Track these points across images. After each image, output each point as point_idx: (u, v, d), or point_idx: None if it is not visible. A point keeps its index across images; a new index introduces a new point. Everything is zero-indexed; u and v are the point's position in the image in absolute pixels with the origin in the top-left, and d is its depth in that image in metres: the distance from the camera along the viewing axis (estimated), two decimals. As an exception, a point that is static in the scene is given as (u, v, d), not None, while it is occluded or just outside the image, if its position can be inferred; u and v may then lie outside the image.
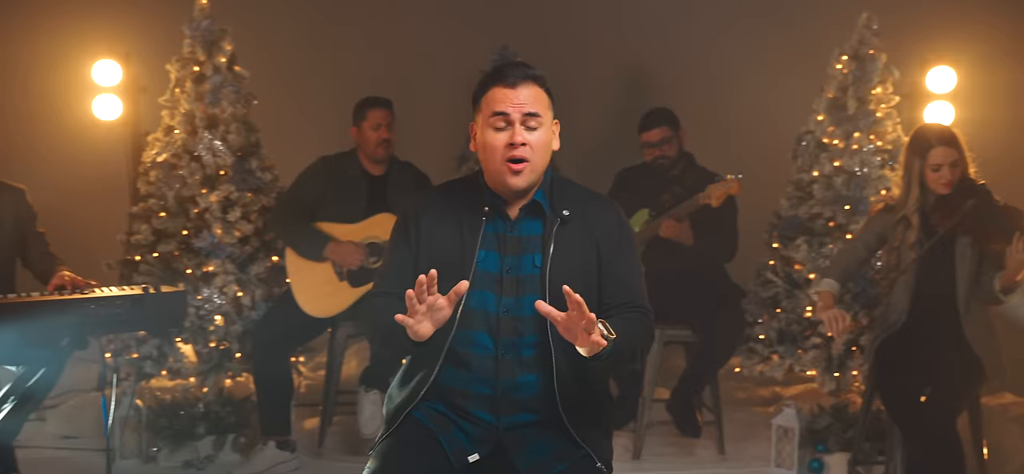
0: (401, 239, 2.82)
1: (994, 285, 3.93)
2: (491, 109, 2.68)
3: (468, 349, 2.73)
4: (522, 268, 2.73)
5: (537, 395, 2.73)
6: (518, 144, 2.65)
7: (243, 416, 5.03)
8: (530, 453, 2.69)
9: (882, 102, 5.22)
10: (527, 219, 2.77)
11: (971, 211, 3.93)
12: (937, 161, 4.05)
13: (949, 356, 3.99)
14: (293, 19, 6.67)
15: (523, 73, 2.69)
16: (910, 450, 4.02)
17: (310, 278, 4.91)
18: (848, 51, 5.27)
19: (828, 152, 5.22)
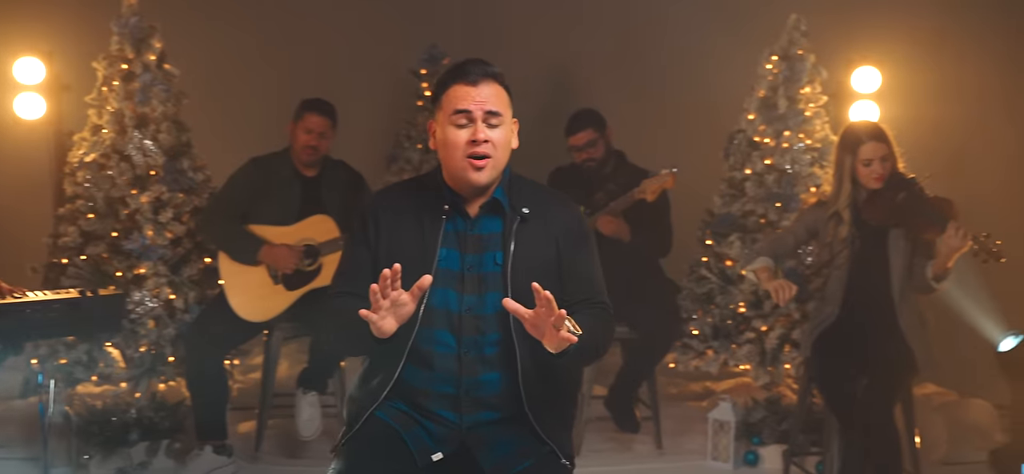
0: (360, 238, 2.80)
1: (926, 273, 4.05)
2: (453, 107, 2.68)
3: (430, 347, 2.72)
4: (483, 266, 2.73)
5: (500, 393, 2.73)
6: (480, 141, 2.66)
7: (177, 421, 4.93)
8: (494, 451, 2.70)
9: (811, 101, 5.36)
10: (487, 217, 2.77)
11: (903, 203, 4.05)
12: (868, 156, 4.14)
13: (883, 348, 4.10)
14: (223, 16, 6.57)
15: (483, 70, 2.70)
16: (847, 441, 4.12)
17: (244, 282, 4.82)
18: (778, 51, 5.39)
19: (759, 150, 5.33)
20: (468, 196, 2.75)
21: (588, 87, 6.63)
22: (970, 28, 5.63)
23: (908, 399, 4.29)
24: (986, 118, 5.02)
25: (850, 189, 4.19)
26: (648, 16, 6.55)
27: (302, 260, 4.78)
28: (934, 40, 5.64)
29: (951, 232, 3.87)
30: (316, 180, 4.96)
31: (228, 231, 4.86)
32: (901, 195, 4.07)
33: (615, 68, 6.69)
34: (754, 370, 5.22)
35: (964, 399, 5.55)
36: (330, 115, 4.93)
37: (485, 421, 2.74)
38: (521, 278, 2.66)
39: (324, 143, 4.91)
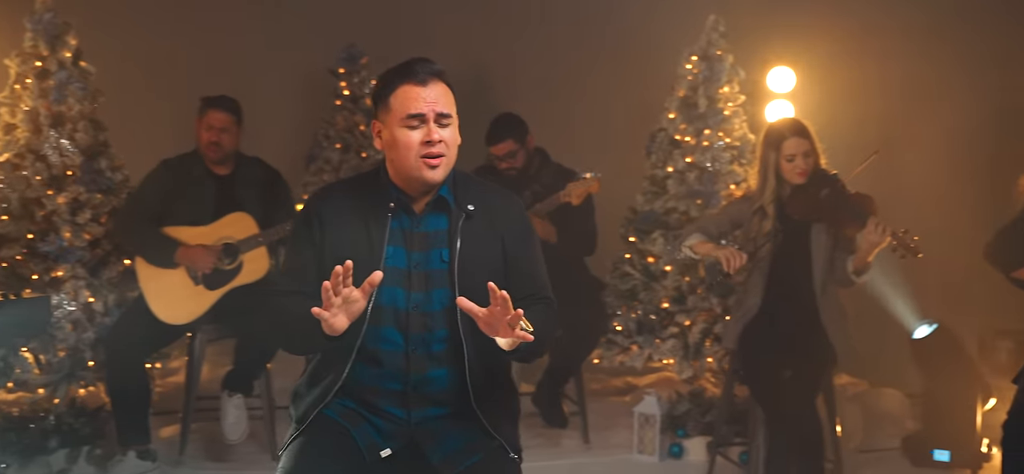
0: (304, 237, 2.79)
1: (847, 268, 4.18)
2: (405, 109, 2.67)
3: (377, 345, 2.73)
4: (430, 263, 2.74)
5: (447, 389, 2.75)
6: (435, 141, 2.67)
7: (98, 427, 4.82)
8: (443, 446, 2.72)
9: (729, 101, 5.48)
10: (432, 214, 2.78)
11: (825, 199, 4.17)
12: (791, 152, 4.26)
13: (805, 339, 4.22)
14: (139, 12, 6.44)
15: (431, 69, 2.71)
16: (772, 431, 4.23)
17: (164, 285, 4.74)
18: (697, 52, 5.50)
19: (681, 148, 5.44)
20: (414, 194, 2.76)
21: (509, 85, 6.67)
22: (890, 26, 5.81)
23: (829, 389, 4.42)
24: (908, 114, 5.19)
25: (774, 184, 4.31)
26: (570, 15, 6.61)
27: (221, 259, 4.72)
28: (848, 40, 5.81)
29: (871, 228, 4.01)
30: (230, 178, 4.90)
31: (142, 235, 4.77)
32: (824, 191, 4.20)
33: (537, 66, 6.74)
34: (677, 364, 5.32)
35: (875, 388, 5.74)
36: (232, 110, 4.87)
37: (433, 417, 2.76)
38: (468, 275, 2.70)
39: (227, 138, 4.85)
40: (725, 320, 5.26)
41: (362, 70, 7.18)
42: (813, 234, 4.26)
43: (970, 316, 5.47)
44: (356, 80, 7.16)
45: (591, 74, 6.49)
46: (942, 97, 5.68)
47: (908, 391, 5.78)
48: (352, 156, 7.08)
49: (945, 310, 5.22)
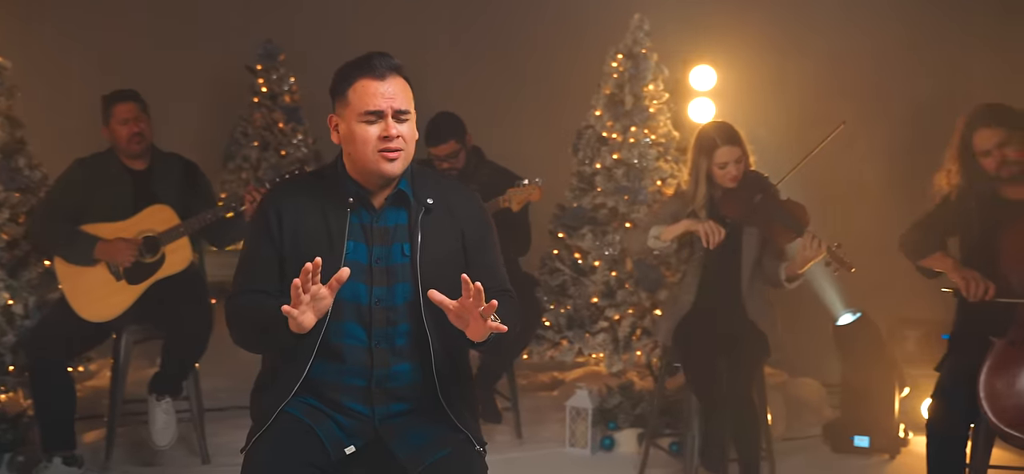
0: (263, 235, 2.75)
1: (780, 274, 4.29)
2: (362, 105, 2.66)
3: (340, 341, 2.71)
4: (391, 258, 2.74)
5: (411, 383, 2.75)
6: (393, 136, 2.66)
7: (20, 433, 4.67)
8: (409, 441, 2.71)
9: (654, 98, 5.57)
10: (391, 209, 2.78)
11: (759, 205, 4.27)
12: (723, 159, 4.35)
13: (737, 333, 4.33)
14: (54, 7, 6.25)
15: (389, 64, 2.69)
16: (708, 421, 4.33)
17: (84, 283, 4.62)
18: (623, 50, 5.58)
19: (608, 145, 5.51)
20: (373, 188, 2.75)
21: (435, 83, 6.66)
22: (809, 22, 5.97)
23: (760, 380, 4.54)
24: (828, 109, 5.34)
25: (706, 189, 4.39)
26: (497, 13, 6.65)
27: (142, 252, 4.63)
28: (767, 38, 5.95)
29: (807, 242, 4.11)
30: (147, 173, 4.82)
31: (59, 234, 4.65)
32: (757, 196, 4.29)
33: (464, 64, 6.76)
34: (607, 358, 5.40)
35: (794, 378, 5.91)
36: (138, 100, 4.80)
37: (396, 412, 2.76)
38: (430, 268, 2.71)
39: (145, 127, 4.78)
40: (654, 314, 5.36)
41: (280, 67, 7.11)
42: (744, 236, 4.36)
43: (884, 306, 5.65)
44: (275, 77, 7.09)
45: (518, 72, 6.54)
46: (862, 92, 5.85)
47: (824, 381, 5.98)
48: (271, 154, 7.00)
49: (864, 300, 5.40)
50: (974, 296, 3.70)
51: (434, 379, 2.75)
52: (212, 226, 4.73)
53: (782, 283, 4.31)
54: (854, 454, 5.26)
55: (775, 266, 4.34)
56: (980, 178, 3.91)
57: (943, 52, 5.80)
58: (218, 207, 4.74)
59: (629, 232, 5.06)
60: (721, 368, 4.28)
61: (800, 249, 4.16)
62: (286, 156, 7.00)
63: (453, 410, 2.77)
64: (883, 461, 5.20)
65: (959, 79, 5.74)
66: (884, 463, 5.18)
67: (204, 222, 4.68)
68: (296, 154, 7.03)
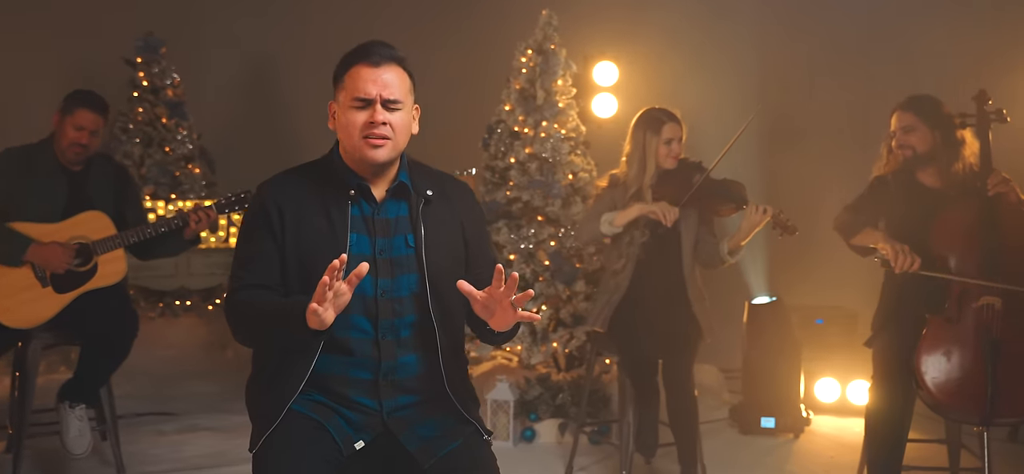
0: (263, 229, 2.67)
1: (722, 249, 4.42)
2: (353, 90, 2.64)
3: (347, 334, 2.66)
4: (395, 249, 2.70)
5: (417, 375, 2.73)
6: (378, 122, 2.63)
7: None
8: (418, 434, 2.69)
9: (563, 94, 5.65)
10: (392, 200, 2.74)
11: (701, 184, 4.38)
12: (669, 136, 4.44)
13: (676, 318, 4.43)
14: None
15: (387, 54, 2.67)
16: (643, 407, 4.43)
17: (4, 285, 4.32)
18: (532, 45, 5.64)
19: (520, 140, 5.56)
20: (369, 178, 2.71)
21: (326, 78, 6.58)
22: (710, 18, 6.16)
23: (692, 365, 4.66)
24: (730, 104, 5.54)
25: (653, 169, 4.47)
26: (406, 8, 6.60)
27: (74, 259, 4.37)
28: (666, 35, 6.13)
29: (754, 209, 4.27)
30: (82, 175, 4.54)
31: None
32: (697, 176, 4.41)
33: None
34: (526, 351, 5.44)
35: (697, 365, 6.09)
36: (104, 112, 4.54)
37: (404, 405, 2.72)
38: (434, 259, 2.70)
39: (94, 141, 4.51)
40: (570, 306, 5.44)
41: (162, 60, 6.85)
42: (683, 219, 4.46)
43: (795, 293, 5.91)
44: (156, 70, 6.83)
45: (429, 66, 6.49)
46: (765, 87, 6.09)
47: (722, 367, 6.22)
48: (155, 150, 6.75)
49: (775, 285, 5.64)
50: (901, 267, 3.89)
51: (441, 370, 2.73)
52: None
53: (724, 258, 4.43)
54: (761, 435, 5.49)
55: (714, 244, 4.46)
56: (896, 160, 4.15)
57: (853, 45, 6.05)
58: (158, 221, 4.52)
59: (579, 222, 5.12)
60: (660, 354, 4.38)
61: (746, 217, 4.28)
62: (171, 153, 6.75)
63: (460, 401, 2.76)
64: (788, 441, 5.45)
65: (876, 77, 5.99)
66: (789, 442, 5.42)
67: (142, 236, 4.44)
68: (181, 150, 6.78)
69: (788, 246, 4.92)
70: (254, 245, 2.69)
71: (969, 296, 3.84)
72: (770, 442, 5.41)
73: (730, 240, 4.40)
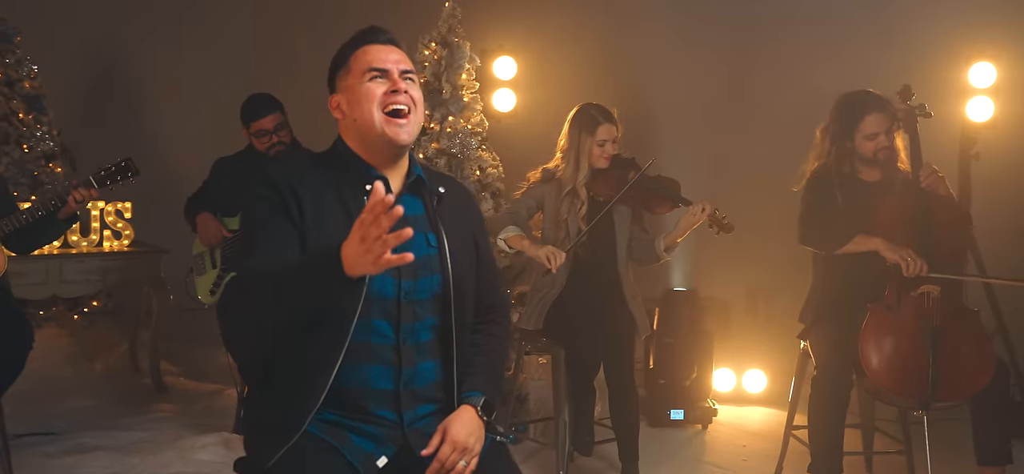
0: (278, 212, 2.44)
1: (657, 246, 4.40)
2: (367, 64, 2.50)
3: (368, 339, 2.46)
4: (417, 248, 2.49)
5: (435, 383, 2.57)
6: (401, 89, 2.49)
7: None
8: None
9: (467, 88, 5.52)
10: (407, 196, 2.57)
11: (635, 182, 4.35)
12: (604, 137, 4.39)
13: (615, 316, 4.40)
14: None
15: (391, 37, 2.57)
16: (579, 404, 4.39)
17: None
18: (436, 38, 5.48)
19: (427, 135, 5.39)
20: (384, 165, 2.54)
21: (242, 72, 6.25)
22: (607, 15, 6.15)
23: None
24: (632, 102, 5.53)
25: (587, 168, 4.41)
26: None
27: None
28: (564, 31, 6.08)
29: (694, 209, 4.25)
30: None
31: None
32: (632, 173, 4.38)
33: (271, 50, 6.35)
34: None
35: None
36: None
37: (423, 415, 2.56)
38: (456, 259, 2.56)
39: None
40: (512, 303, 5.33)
41: (17, 49, 6.31)
42: (616, 217, 4.43)
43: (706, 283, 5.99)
44: (10, 60, 6.28)
45: (326, 57, 6.22)
46: (678, 83, 6.12)
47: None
48: (13, 147, 6.21)
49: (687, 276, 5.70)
50: (911, 272, 3.89)
51: (456, 377, 2.58)
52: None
53: (660, 255, 4.43)
54: (671, 427, 5.53)
55: (648, 240, 4.45)
56: (851, 159, 4.21)
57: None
58: (33, 205, 4.14)
59: (499, 213, 4.98)
60: (600, 354, 4.34)
61: (685, 215, 4.28)
62: (29, 151, 6.21)
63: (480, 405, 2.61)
64: (697, 432, 5.51)
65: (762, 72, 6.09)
66: (698, 433, 5.49)
67: (12, 226, 4.06)
68: (41, 147, 6.25)
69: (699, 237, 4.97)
70: (271, 229, 2.45)
71: (908, 285, 3.96)
72: (681, 434, 5.46)
73: (666, 237, 4.40)
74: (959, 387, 3.90)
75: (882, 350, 3.92)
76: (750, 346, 6.07)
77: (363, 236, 2.14)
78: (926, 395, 3.88)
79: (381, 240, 2.12)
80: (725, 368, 6.05)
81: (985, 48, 5.53)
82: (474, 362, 2.63)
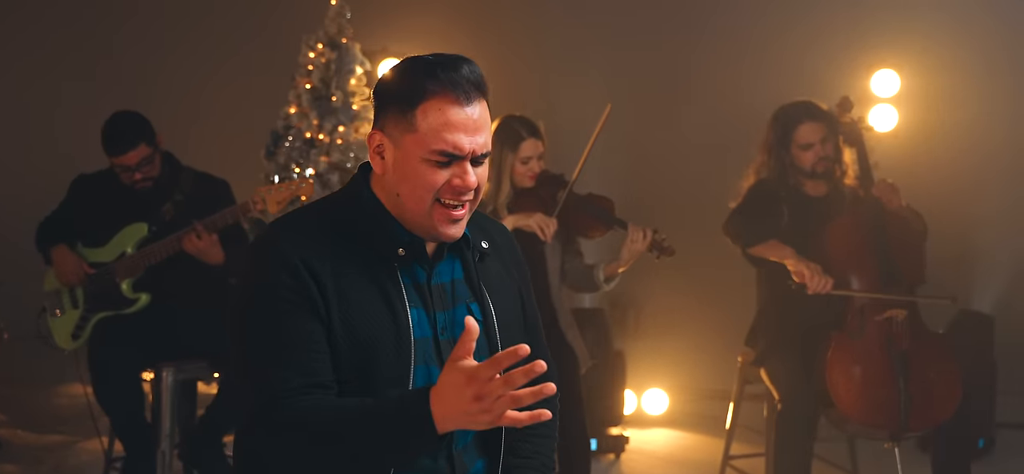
0: (300, 305, 1.88)
1: (597, 276, 3.99)
2: (436, 139, 1.90)
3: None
4: (458, 326, 1.99)
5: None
6: (469, 187, 1.95)
7: None
8: None
9: (358, 94, 5.01)
10: (445, 258, 2.05)
11: (566, 202, 3.93)
12: (528, 154, 3.94)
13: (553, 346, 3.97)
14: None
15: (478, 80, 1.94)
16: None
17: None
18: (323, 39, 4.93)
19: (317, 148, 4.84)
20: (421, 234, 2.02)
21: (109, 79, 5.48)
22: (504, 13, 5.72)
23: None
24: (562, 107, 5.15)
25: (509, 188, 3.98)
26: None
27: None
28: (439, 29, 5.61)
29: (636, 236, 3.85)
30: None
31: None
32: (560, 193, 3.95)
33: (143, 54, 5.61)
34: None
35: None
36: None
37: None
38: (506, 335, 2.06)
39: None
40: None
41: None
42: (546, 243, 3.99)
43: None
44: None
45: (208, 64, 5.53)
46: (604, 92, 5.72)
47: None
48: None
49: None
50: (815, 289, 3.71)
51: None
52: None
53: (600, 285, 4.02)
54: (584, 459, 5.19)
55: (585, 268, 4.04)
56: (792, 172, 3.98)
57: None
58: None
59: None
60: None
61: (627, 242, 3.88)
62: None
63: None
64: (611, 462, 5.19)
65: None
66: (612, 464, 5.17)
67: None
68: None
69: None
70: (290, 329, 1.88)
71: (871, 309, 3.76)
72: (596, 466, 5.10)
73: (607, 267, 4.00)
74: (929, 414, 3.72)
75: (851, 379, 3.70)
76: (650, 364, 5.80)
77: (481, 393, 1.68)
78: (897, 425, 3.67)
79: (511, 397, 1.68)
80: (626, 389, 5.74)
81: (887, 55, 5.44)
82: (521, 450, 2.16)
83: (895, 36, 5.39)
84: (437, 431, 1.74)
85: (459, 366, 1.72)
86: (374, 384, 1.89)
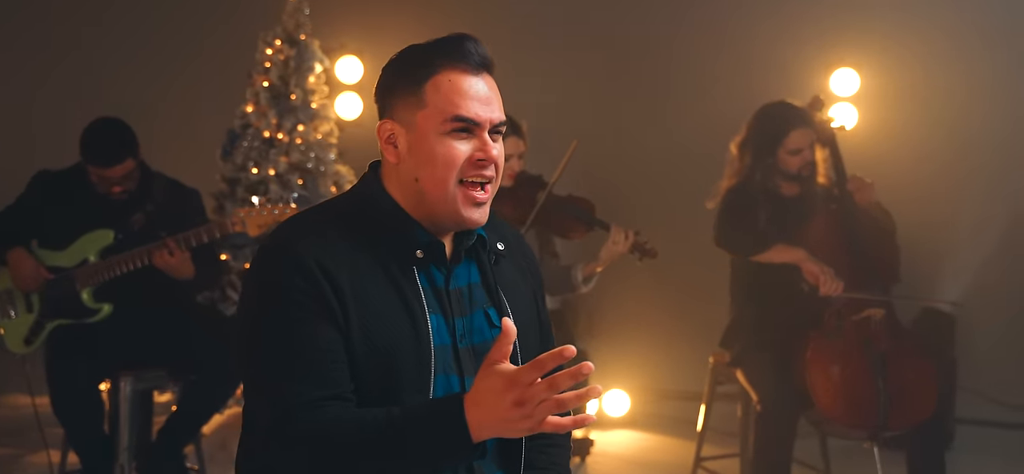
0: (316, 311, 1.76)
1: (575, 276, 3.92)
2: (452, 107, 1.83)
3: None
4: (477, 332, 1.92)
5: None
6: (491, 158, 1.87)
7: None
8: None
9: (317, 92, 4.87)
10: (462, 261, 1.95)
11: (546, 203, 3.86)
12: (508, 152, 3.87)
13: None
14: None
15: (485, 55, 1.89)
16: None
17: None
18: (281, 35, 4.79)
19: (276, 148, 4.69)
20: (441, 233, 1.92)
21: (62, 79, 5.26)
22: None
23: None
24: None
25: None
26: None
27: None
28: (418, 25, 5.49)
29: (618, 237, 3.80)
30: None
31: None
32: (540, 193, 3.88)
33: (102, 54, 5.40)
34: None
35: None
36: None
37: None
38: (524, 340, 1.95)
39: None
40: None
41: None
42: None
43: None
44: None
45: (161, 60, 5.33)
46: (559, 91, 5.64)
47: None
48: None
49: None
50: (827, 291, 3.69)
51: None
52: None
53: (577, 286, 3.95)
54: (548, 464, 5.11)
55: (562, 270, 3.97)
56: (774, 174, 3.95)
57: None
58: None
59: None
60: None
61: (609, 244, 3.83)
62: None
63: None
64: (576, 466, 5.12)
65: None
66: (578, 467, 5.10)
67: None
68: None
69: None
70: (308, 337, 1.76)
71: (849, 309, 3.75)
72: (561, 470, 5.04)
73: (585, 267, 3.94)
74: (908, 414, 3.70)
75: (830, 379, 3.67)
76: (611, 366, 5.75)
77: (523, 399, 1.59)
78: (876, 425, 3.66)
79: (554, 401, 1.59)
80: (584, 388, 5.69)
81: (846, 54, 5.44)
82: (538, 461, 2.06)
83: (855, 35, 5.39)
84: (472, 440, 1.64)
85: (497, 370, 1.63)
86: (393, 395, 1.79)
